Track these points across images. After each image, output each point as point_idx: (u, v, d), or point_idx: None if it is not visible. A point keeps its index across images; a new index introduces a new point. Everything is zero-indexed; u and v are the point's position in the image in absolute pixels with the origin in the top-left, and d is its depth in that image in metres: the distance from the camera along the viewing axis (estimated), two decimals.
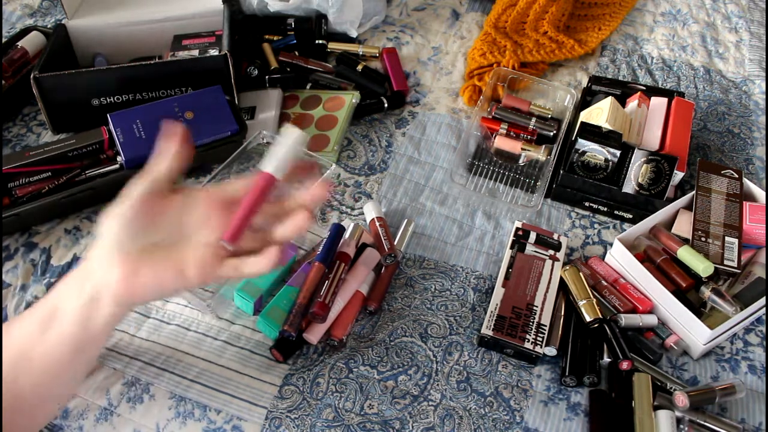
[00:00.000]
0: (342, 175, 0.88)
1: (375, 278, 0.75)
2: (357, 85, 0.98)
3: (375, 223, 0.78)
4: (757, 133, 0.96)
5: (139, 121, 0.80)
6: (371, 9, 1.08)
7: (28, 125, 0.93)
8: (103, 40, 0.98)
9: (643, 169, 0.81)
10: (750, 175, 0.90)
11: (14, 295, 0.74)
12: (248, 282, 0.71)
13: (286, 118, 0.94)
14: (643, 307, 0.72)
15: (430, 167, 0.89)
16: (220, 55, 0.86)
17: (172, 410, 0.65)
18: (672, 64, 1.06)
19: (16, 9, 1.12)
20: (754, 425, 0.66)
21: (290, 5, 1.04)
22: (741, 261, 0.73)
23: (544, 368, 0.70)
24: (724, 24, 1.14)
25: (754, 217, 0.77)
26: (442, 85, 1.01)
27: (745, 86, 1.03)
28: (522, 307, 0.72)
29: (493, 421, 0.65)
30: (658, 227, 0.78)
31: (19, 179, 0.79)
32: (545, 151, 0.88)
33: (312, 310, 0.67)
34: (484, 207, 0.85)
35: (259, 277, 0.71)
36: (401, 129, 0.94)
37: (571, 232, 0.83)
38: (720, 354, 0.72)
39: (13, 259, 0.77)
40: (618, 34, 1.11)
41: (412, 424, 0.65)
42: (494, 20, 1.08)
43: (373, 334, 0.72)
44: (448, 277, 0.77)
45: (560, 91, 0.97)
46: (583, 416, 0.66)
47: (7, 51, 0.93)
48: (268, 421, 0.64)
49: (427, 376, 0.68)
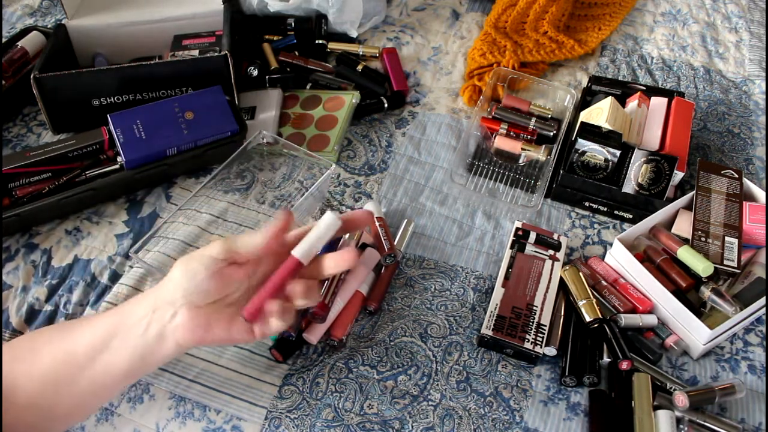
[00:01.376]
0: (342, 175, 0.88)
1: (375, 278, 0.75)
2: (357, 85, 0.98)
3: (375, 223, 0.78)
4: (757, 133, 0.96)
5: (139, 122, 0.80)
6: (371, 9, 1.08)
7: (28, 125, 0.94)
8: (103, 40, 0.98)
9: (643, 169, 0.81)
10: (750, 175, 0.90)
11: (15, 297, 0.74)
12: None
13: (286, 118, 0.94)
14: (643, 307, 0.72)
15: (430, 167, 0.89)
16: (220, 55, 0.86)
17: (172, 410, 0.65)
18: (672, 64, 1.06)
19: (16, 9, 1.12)
20: (753, 425, 0.66)
21: (290, 5, 1.04)
22: (741, 261, 0.73)
23: (543, 368, 0.70)
24: (724, 24, 1.14)
25: (754, 217, 0.77)
26: (442, 85, 1.01)
27: (745, 86, 1.03)
28: (522, 307, 0.72)
29: (492, 421, 0.65)
30: (658, 227, 0.78)
31: (19, 180, 0.79)
32: (545, 151, 0.88)
33: (312, 310, 0.67)
34: (484, 207, 0.85)
35: None
36: (401, 129, 0.94)
37: (571, 232, 0.83)
38: (720, 354, 0.72)
39: (13, 260, 0.77)
40: (618, 34, 1.11)
41: (411, 424, 0.65)
42: (494, 20, 1.08)
43: (373, 334, 0.72)
44: (448, 277, 0.77)
45: (560, 91, 0.97)
46: (583, 416, 0.66)
47: (7, 51, 0.93)
48: (268, 421, 0.64)
49: (426, 376, 0.68)
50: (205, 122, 0.82)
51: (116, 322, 0.56)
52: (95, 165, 0.81)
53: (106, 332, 0.56)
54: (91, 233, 0.80)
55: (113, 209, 0.83)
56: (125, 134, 0.80)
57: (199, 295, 0.55)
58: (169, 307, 0.55)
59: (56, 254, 0.78)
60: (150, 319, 0.55)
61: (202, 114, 0.83)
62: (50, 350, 0.56)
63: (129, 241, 0.79)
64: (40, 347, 0.57)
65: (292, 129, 0.92)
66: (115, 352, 0.55)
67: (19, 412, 0.54)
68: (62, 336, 0.57)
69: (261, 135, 0.85)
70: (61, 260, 0.77)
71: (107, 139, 0.82)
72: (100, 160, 0.82)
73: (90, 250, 0.78)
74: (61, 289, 0.75)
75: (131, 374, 0.57)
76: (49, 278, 0.76)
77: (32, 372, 0.55)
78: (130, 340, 0.55)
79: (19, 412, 0.54)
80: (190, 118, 0.82)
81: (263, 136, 0.85)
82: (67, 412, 0.57)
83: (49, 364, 0.55)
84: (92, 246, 0.79)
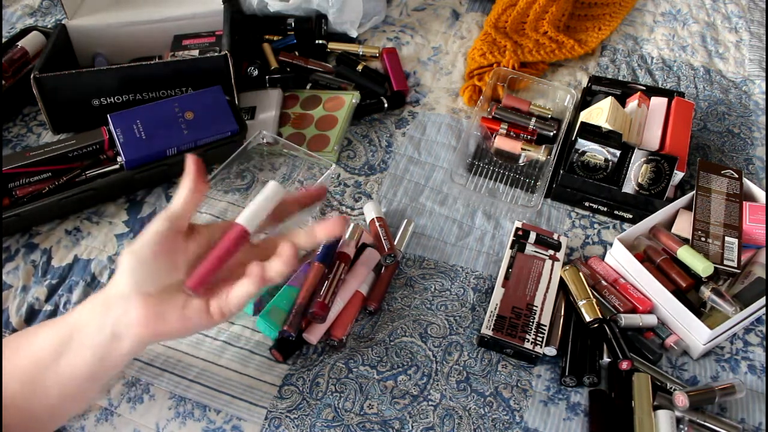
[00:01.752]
0: (342, 175, 0.88)
1: (375, 278, 0.75)
2: (357, 85, 0.98)
3: (375, 223, 0.78)
4: (757, 133, 0.96)
5: (139, 122, 0.80)
6: (371, 9, 1.08)
7: (28, 125, 0.94)
8: (103, 40, 0.98)
9: (643, 169, 0.81)
10: (750, 175, 0.90)
11: (15, 297, 0.74)
12: None
13: (286, 118, 0.94)
14: (643, 307, 0.72)
15: (430, 167, 0.89)
16: (220, 55, 0.86)
17: (172, 410, 0.65)
18: (672, 64, 1.06)
19: (16, 9, 1.12)
20: (753, 425, 0.66)
21: (290, 5, 1.04)
22: (741, 261, 0.73)
23: (543, 368, 0.70)
24: (724, 24, 1.14)
25: (754, 217, 0.77)
26: (442, 85, 1.01)
27: (745, 86, 1.03)
28: (522, 307, 0.72)
29: (492, 421, 0.65)
30: (658, 227, 0.78)
31: (19, 180, 0.79)
32: (545, 151, 0.88)
33: (312, 310, 0.67)
34: (484, 207, 0.85)
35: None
36: (401, 129, 0.94)
37: (571, 232, 0.83)
38: (720, 354, 0.72)
39: (13, 260, 0.77)
40: (618, 34, 1.11)
41: (411, 424, 0.65)
42: (494, 20, 1.08)
43: (373, 334, 0.72)
44: (448, 277, 0.77)
45: (560, 91, 0.97)
46: (583, 416, 0.66)
47: (7, 51, 0.93)
48: (268, 421, 0.64)
49: (426, 376, 0.68)
50: (205, 122, 0.82)
51: (72, 325, 0.54)
52: (95, 165, 0.81)
53: (65, 334, 0.54)
54: (91, 233, 0.80)
55: (113, 209, 0.83)
56: (125, 134, 0.80)
57: (149, 279, 0.52)
58: (121, 302, 0.53)
59: (56, 254, 0.78)
60: (103, 319, 0.53)
61: (202, 114, 0.83)
62: (26, 350, 0.55)
63: (129, 241, 0.79)
64: (22, 346, 0.56)
65: (292, 129, 0.92)
66: (75, 355, 0.53)
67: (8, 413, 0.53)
68: (34, 337, 0.56)
69: (261, 135, 0.85)
70: (61, 260, 0.77)
71: (107, 139, 0.82)
72: (100, 160, 0.82)
73: (90, 250, 0.78)
74: (61, 289, 0.75)
75: (94, 376, 0.55)
76: (49, 278, 0.76)
77: (13, 371, 0.54)
78: (86, 342, 0.53)
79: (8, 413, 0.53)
80: (190, 118, 0.82)
81: (263, 136, 0.85)
82: (48, 413, 0.55)
83: (25, 364, 0.54)
84: (92, 246, 0.79)
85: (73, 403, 0.57)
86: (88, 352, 0.53)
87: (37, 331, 0.56)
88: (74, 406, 0.58)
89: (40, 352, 0.54)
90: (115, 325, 0.53)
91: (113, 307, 0.53)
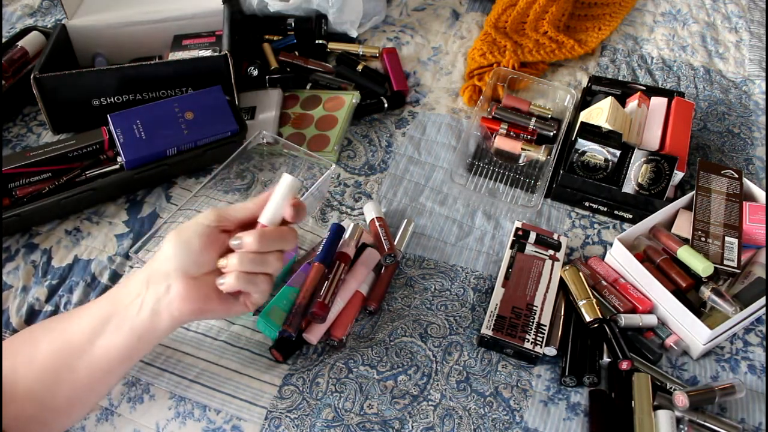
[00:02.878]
0: (342, 175, 0.88)
1: (375, 278, 0.75)
2: (357, 85, 0.98)
3: (375, 223, 0.78)
4: (757, 133, 0.96)
5: (139, 122, 0.80)
6: (371, 9, 1.08)
7: (28, 125, 0.94)
8: (103, 40, 0.98)
9: (643, 169, 0.81)
10: (750, 175, 0.90)
11: (15, 297, 0.74)
12: None
13: (286, 118, 0.94)
14: (643, 307, 0.72)
15: (430, 167, 0.89)
16: (220, 55, 0.86)
17: (172, 410, 0.65)
18: (672, 64, 1.06)
19: (16, 9, 1.12)
20: (753, 425, 0.66)
21: (290, 5, 1.04)
22: (741, 261, 0.73)
23: (543, 368, 0.70)
24: (724, 24, 1.14)
25: (754, 217, 0.77)
26: (442, 85, 1.01)
27: (745, 86, 1.03)
28: (522, 307, 0.72)
29: (492, 421, 0.65)
30: (658, 227, 0.78)
31: (19, 180, 0.79)
32: (545, 151, 0.88)
33: (312, 311, 0.67)
34: (484, 207, 0.85)
35: None
36: (401, 129, 0.94)
37: (571, 232, 0.83)
38: (720, 354, 0.72)
39: (14, 260, 0.77)
40: (618, 34, 1.11)
41: (411, 424, 0.65)
42: (494, 20, 1.08)
43: (373, 334, 0.72)
44: (447, 277, 0.77)
45: (560, 91, 0.97)
46: (583, 416, 0.66)
47: (7, 51, 0.93)
48: (268, 421, 0.64)
49: (426, 376, 0.68)
50: (205, 122, 0.82)
51: (110, 305, 0.57)
52: (95, 165, 0.81)
53: (101, 316, 0.56)
54: (91, 233, 0.80)
55: (113, 209, 0.83)
56: (125, 134, 0.80)
57: (194, 266, 0.56)
58: (164, 280, 0.55)
59: (56, 254, 0.78)
60: (144, 296, 0.56)
61: (202, 114, 0.83)
62: (49, 340, 0.56)
63: (129, 242, 0.79)
64: (38, 339, 0.57)
65: (292, 129, 0.92)
66: (112, 335, 0.56)
67: (19, 406, 0.54)
68: (59, 326, 0.58)
69: (261, 135, 0.85)
70: (61, 260, 0.77)
71: (107, 139, 0.82)
72: (100, 160, 0.82)
73: (90, 250, 0.78)
74: (61, 290, 0.75)
75: (129, 356, 0.57)
76: (49, 278, 0.76)
77: (32, 363, 0.55)
78: (126, 321, 0.56)
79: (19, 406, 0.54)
80: (190, 118, 0.82)
81: (263, 136, 0.85)
82: (68, 403, 0.57)
83: (48, 354, 0.56)
84: (92, 246, 0.79)
85: (96, 390, 0.59)
86: (126, 331, 0.56)
87: (68, 319, 0.58)
88: (95, 395, 0.60)
89: (74, 336, 0.56)
90: (156, 302, 0.55)
91: (156, 283, 0.56)
